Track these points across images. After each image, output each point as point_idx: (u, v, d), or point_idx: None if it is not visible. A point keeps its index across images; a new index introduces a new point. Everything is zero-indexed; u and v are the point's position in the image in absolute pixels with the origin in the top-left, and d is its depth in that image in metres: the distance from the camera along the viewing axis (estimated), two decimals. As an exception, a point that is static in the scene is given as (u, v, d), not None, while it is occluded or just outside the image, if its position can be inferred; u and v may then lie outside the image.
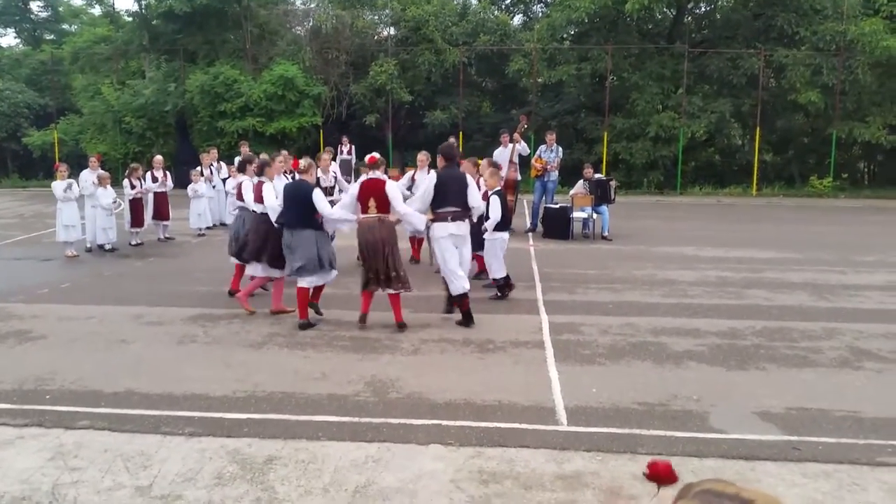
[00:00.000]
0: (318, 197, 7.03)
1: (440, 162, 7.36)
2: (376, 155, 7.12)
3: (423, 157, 10.14)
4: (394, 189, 6.99)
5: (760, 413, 4.97)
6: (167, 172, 12.80)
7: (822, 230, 14.06)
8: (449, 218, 7.03)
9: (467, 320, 7.10)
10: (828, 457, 4.33)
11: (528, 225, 13.35)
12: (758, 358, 6.16)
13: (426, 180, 7.61)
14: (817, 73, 19.86)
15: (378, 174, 7.00)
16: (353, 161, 17.39)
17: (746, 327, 7.06)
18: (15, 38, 32.11)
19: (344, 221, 7.26)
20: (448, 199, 7.03)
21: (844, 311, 7.72)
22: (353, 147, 18.50)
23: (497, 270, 8.26)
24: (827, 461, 4.27)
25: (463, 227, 7.14)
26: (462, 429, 4.70)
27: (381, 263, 6.81)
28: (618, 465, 4.25)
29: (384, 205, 6.85)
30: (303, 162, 7.41)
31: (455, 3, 25.27)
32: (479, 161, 9.05)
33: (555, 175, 13.13)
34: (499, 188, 8.34)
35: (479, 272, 8.84)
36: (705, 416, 4.93)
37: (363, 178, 7.09)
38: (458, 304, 7.21)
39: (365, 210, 6.92)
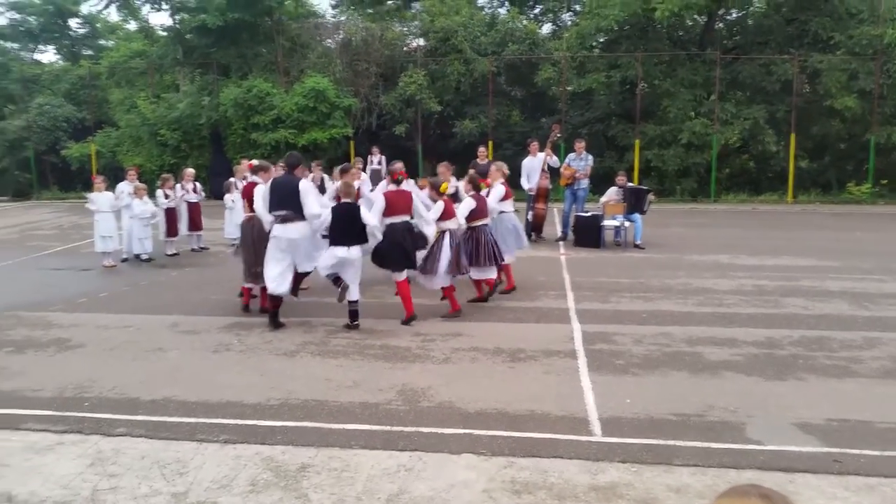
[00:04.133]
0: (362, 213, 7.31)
1: (282, 170, 7.77)
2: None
3: (442, 169, 10.09)
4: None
5: (800, 424, 4.86)
6: (197, 184, 13.01)
7: (861, 237, 13.74)
8: (279, 220, 7.30)
9: (273, 323, 7.45)
10: (871, 470, 4.21)
11: (559, 233, 13.27)
12: (796, 368, 6.03)
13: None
14: (853, 77, 19.47)
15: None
16: (384, 171, 17.49)
17: (784, 337, 6.92)
18: (55, 54, 33.01)
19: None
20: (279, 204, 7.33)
21: (885, 321, 7.52)
22: (383, 157, 18.62)
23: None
24: (870, 474, 4.16)
25: (292, 231, 7.29)
26: (494, 438, 4.68)
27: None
28: (652, 476, 4.18)
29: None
30: (342, 184, 7.70)
31: (483, 13, 25.36)
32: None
33: (585, 183, 13.04)
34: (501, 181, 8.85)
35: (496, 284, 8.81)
36: (742, 427, 4.84)
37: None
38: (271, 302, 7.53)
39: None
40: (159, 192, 12.04)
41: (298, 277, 7.67)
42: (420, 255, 7.78)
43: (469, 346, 6.72)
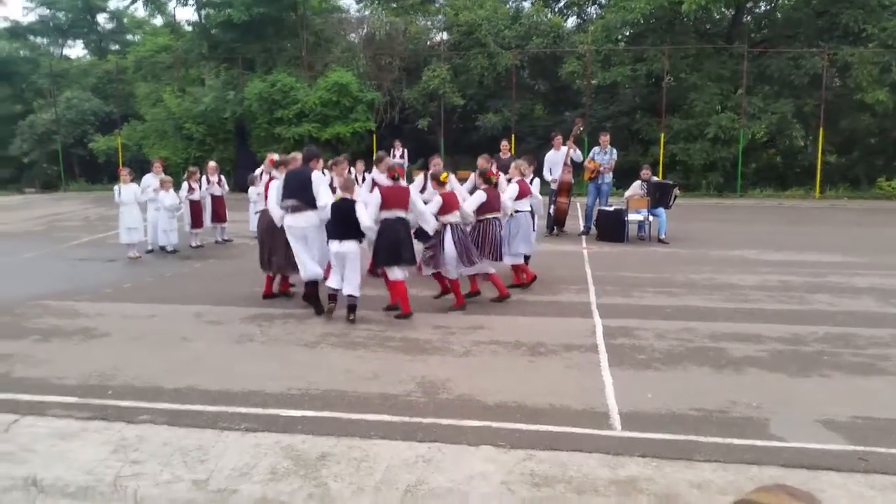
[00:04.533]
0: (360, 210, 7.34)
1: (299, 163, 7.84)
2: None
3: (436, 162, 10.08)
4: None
5: (824, 421, 4.78)
6: (222, 177, 13.13)
7: (890, 233, 13.47)
8: (289, 210, 7.55)
9: (315, 306, 7.67)
10: (899, 468, 4.13)
11: (582, 227, 13.19)
12: (821, 365, 5.93)
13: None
14: (886, 70, 19.09)
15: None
16: (406, 165, 17.51)
17: (809, 333, 6.81)
18: (83, 49, 33.53)
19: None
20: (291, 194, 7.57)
21: (915, 318, 7.37)
22: (405, 151, 18.64)
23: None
24: (897, 473, 4.08)
25: (301, 220, 7.54)
26: (513, 431, 4.66)
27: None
28: (674, 471, 4.14)
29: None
30: (343, 179, 7.78)
31: (508, 6, 25.24)
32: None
33: (609, 177, 12.93)
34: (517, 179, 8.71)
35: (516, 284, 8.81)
36: (765, 423, 4.77)
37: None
38: (306, 289, 7.76)
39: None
40: (184, 185, 12.18)
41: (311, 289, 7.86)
42: (420, 250, 7.79)
43: (489, 340, 6.70)
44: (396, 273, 7.54)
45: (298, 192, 7.52)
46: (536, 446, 4.44)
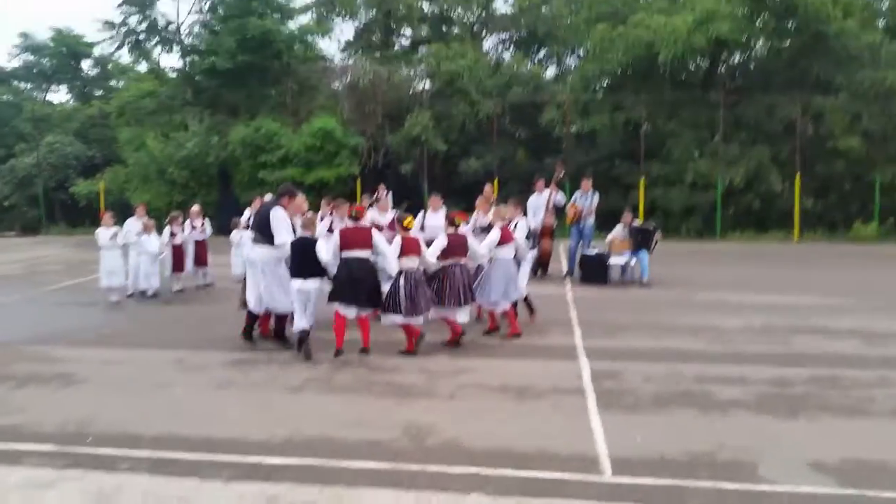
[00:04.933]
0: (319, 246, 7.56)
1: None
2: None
3: (435, 199, 10.43)
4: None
5: (813, 464, 4.75)
6: (205, 221, 13.07)
7: (869, 276, 13.67)
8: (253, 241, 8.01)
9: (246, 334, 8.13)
10: (890, 511, 4.10)
11: (565, 270, 13.24)
12: (809, 407, 5.93)
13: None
14: (857, 119, 19.64)
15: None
16: (390, 205, 17.55)
17: (795, 375, 6.82)
18: (67, 94, 33.63)
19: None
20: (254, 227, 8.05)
21: (897, 360, 7.43)
22: (390, 193, 18.69)
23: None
24: (889, 516, 4.05)
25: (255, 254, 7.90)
26: (502, 478, 4.58)
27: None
28: (666, 516, 4.08)
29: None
30: (303, 218, 7.89)
31: (488, 57, 25.79)
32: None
33: (591, 220, 13.07)
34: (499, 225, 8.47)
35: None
36: (755, 466, 4.73)
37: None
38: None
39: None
40: (166, 229, 12.09)
41: (281, 322, 8.08)
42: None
43: (475, 383, 6.64)
44: (343, 310, 7.50)
45: (259, 227, 7.84)
46: (526, 493, 4.37)
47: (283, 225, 7.68)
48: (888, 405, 5.97)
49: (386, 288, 7.70)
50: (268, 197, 9.97)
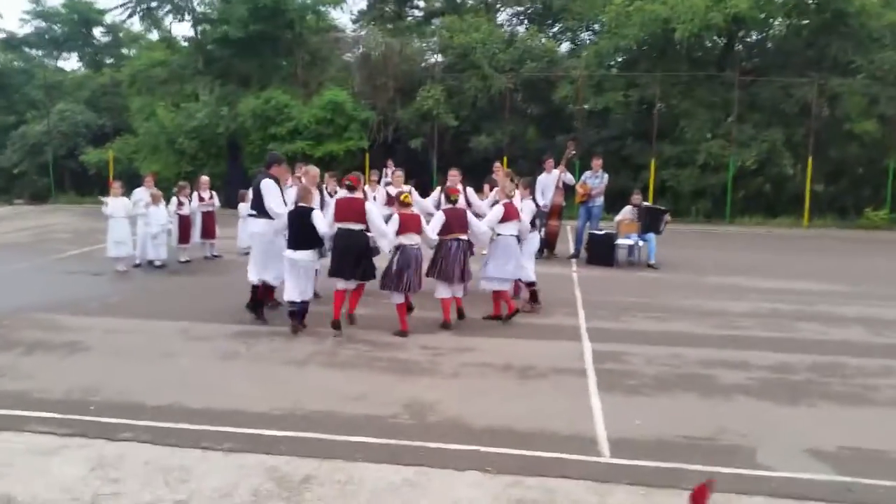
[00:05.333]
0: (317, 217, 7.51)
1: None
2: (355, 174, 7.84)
3: (453, 173, 10.03)
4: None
5: (811, 451, 4.76)
6: (213, 193, 13.06)
7: (878, 263, 13.56)
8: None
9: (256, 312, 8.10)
10: (885, 500, 4.11)
11: (572, 251, 13.20)
12: (810, 394, 5.92)
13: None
14: (874, 102, 19.32)
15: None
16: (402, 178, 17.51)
17: (798, 361, 6.81)
18: (78, 61, 33.50)
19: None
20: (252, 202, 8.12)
21: (903, 348, 7.39)
22: (398, 170, 18.63)
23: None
24: (885, 505, 4.06)
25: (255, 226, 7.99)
26: (501, 456, 4.61)
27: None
28: (662, 499, 4.10)
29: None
30: (300, 187, 7.88)
31: (503, 30, 25.46)
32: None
33: (600, 200, 12.99)
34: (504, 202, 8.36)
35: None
36: (753, 452, 4.74)
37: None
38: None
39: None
40: (173, 199, 12.11)
41: (267, 292, 8.14)
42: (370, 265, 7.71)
43: (479, 362, 6.66)
44: (338, 284, 7.53)
45: (254, 201, 7.92)
46: (524, 472, 4.40)
47: (273, 195, 7.74)
48: (889, 394, 5.96)
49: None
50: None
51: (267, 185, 7.78)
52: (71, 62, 34.15)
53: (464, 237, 7.90)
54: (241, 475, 4.31)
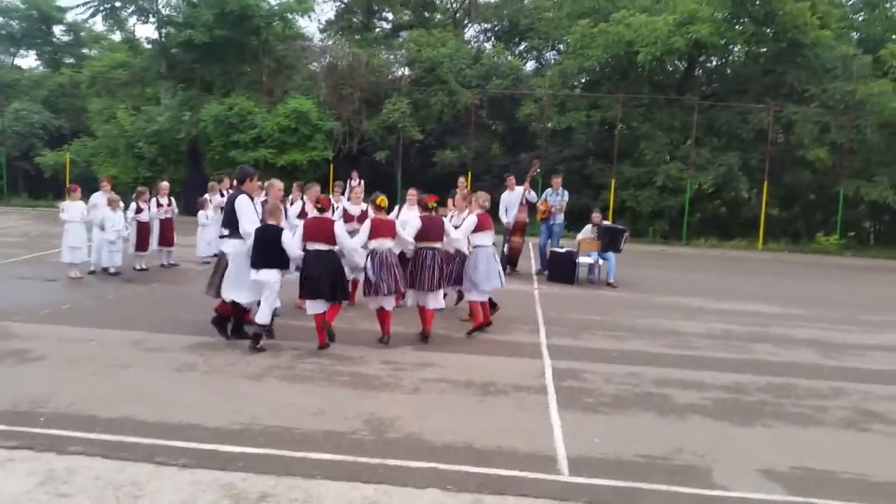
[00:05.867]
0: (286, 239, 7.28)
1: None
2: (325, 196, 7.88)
3: (412, 193, 10.06)
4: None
5: (765, 471, 4.86)
6: (172, 199, 12.81)
7: (828, 287, 13.99)
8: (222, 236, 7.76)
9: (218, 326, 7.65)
10: (835, 521, 4.21)
11: (538, 266, 13.29)
12: (763, 414, 6.05)
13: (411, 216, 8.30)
14: (826, 130, 20.02)
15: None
16: (363, 194, 17.45)
17: (752, 382, 6.96)
18: (36, 60, 32.68)
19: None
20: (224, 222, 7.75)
21: (851, 371, 7.62)
22: (362, 182, 18.57)
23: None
24: (834, 526, 4.16)
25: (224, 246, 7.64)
26: (461, 474, 4.60)
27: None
28: (619, 519, 4.14)
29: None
30: (269, 205, 7.59)
31: (469, 46, 25.69)
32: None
33: (560, 218, 13.16)
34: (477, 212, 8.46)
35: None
36: (709, 471, 4.82)
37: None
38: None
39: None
40: (132, 206, 11.86)
41: (241, 314, 7.72)
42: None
43: (439, 377, 6.65)
44: (313, 307, 7.40)
45: (228, 219, 7.55)
46: (483, 490, 4.39)
47: (248, 214, 7.41)
48: (839, 415, 6.13)
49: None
50: (226, 180, 9.64)
51: (242, 205, 7.43)
52: (28, 60, 33.27)
53: (438, 245, 7.93)
54: (196, 492, 4.21)
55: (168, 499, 4.11)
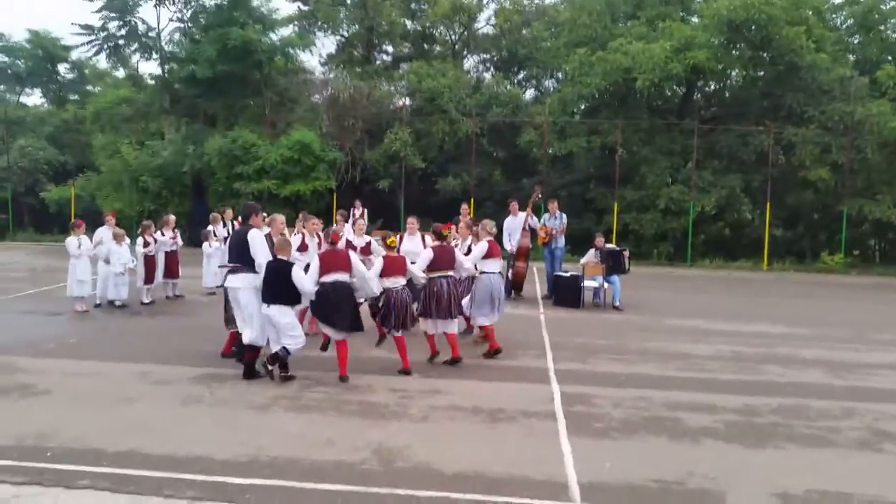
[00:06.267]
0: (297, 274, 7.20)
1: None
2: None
3: (411, 222, 10.17)
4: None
5: (780, 494, 4.79)
6: (177, 231, 12.86)
7: (834, 306, 13.92)
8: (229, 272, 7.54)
9: (247, 373, 7.34)
10: (854, 544, 4.14)
11: (546, 291, 13.25)
12: (775, 436, 5.99)
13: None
14: (826, 151, 20.11)
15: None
16: (366, 225, 17.51)
17: (763, 404, 6.89)
18: (41, 97, 33.09)
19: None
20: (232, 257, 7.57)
21: (861, 390, 7.54)
22: (365, 210, 18.67)
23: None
24: (853, 548, 4.09)
25: (233, 281, 7.43)
26: (473, 503, 4.55)
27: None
28: (633, 545, 4.07)
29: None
30: (278, 240, 7.54)
31: (469, 76, 25.98)
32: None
33: (561, 241, 13.18)
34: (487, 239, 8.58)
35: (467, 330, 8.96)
36: (723, 496, 4.76)
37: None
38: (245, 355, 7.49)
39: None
40: (139, 240, 11.91)
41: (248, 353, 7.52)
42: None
43: (448, 405, 6.61)
44: (335, 336, 7.43)
45: (236, 254, 7.40)
46: (495, 518, 4.33)
47: (262, 248, 7.30)
48: (852, 436, 6.05)
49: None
50: (229, 211, 9.64)
51: (255, 239, 7.30)
52: (34, 98, 33.69)
53: (451, 273, 8.01)
54: (205, 525, 4.17)
55: (177, 532, 4.06)
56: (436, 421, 6.18)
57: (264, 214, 8.34)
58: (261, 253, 7.28)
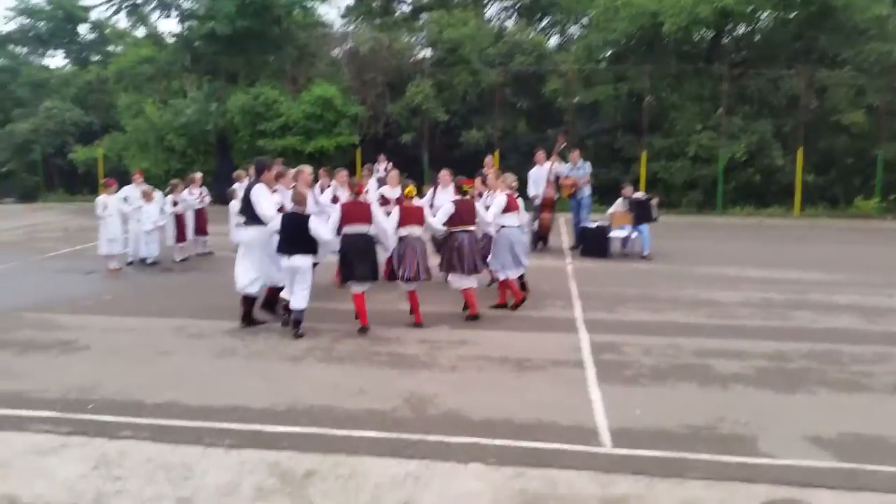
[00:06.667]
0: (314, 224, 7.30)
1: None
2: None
3: (444, 174, 10.07)
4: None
5: (812, 438, 4.79)
6: (204, 188, 12.97)
7: (868, 251, 13.66)
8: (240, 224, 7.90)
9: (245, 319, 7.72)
10: (888, 486, 4.14)
11: (574, 242, 13.17)
12: (807, 381, 5.96)
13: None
14: (861, 93, 19.46)
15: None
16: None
17: (794, 350, 6.85)
18: (64, 58, 33.17)
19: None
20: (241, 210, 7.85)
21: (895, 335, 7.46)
22: (389, 164, 18.60)
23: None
24: (888, 490, 4.09)
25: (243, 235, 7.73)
26: (502, 448, 4.62)
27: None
28: (664, 489, 4.12)
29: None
30: (295, 193, 7.60)
31: (491, 25, 25.44)
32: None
33: (588, 191, 12.98)
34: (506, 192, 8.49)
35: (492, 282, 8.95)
36: (754, 440, 4.77)
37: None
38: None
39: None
40: (168, 198, 12.02)
41: (273, 294, 7.83)
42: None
43: (476, 355, 6.67)
44: (354, 287, 7.51)
45: (245, 209, 7.62)
46: (526, 463, 4.40)
47: (265, 200, 7.47)
48: (886, 381, 6.00)
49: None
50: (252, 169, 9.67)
51: (257, 192, 7.50)
52: (57, 59, 33.82)
53: (472, 228, 8.01)
54: (244, 471, 4.29)
55: (217, 479, 4.20)
56: (464, 370, 6.25)
57: (287, 168, 8.41)
58: (263, 205, 7.43)
